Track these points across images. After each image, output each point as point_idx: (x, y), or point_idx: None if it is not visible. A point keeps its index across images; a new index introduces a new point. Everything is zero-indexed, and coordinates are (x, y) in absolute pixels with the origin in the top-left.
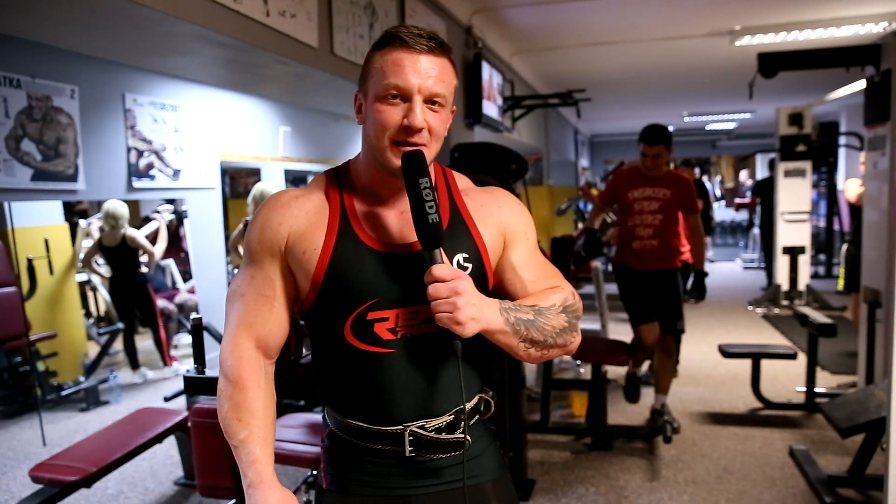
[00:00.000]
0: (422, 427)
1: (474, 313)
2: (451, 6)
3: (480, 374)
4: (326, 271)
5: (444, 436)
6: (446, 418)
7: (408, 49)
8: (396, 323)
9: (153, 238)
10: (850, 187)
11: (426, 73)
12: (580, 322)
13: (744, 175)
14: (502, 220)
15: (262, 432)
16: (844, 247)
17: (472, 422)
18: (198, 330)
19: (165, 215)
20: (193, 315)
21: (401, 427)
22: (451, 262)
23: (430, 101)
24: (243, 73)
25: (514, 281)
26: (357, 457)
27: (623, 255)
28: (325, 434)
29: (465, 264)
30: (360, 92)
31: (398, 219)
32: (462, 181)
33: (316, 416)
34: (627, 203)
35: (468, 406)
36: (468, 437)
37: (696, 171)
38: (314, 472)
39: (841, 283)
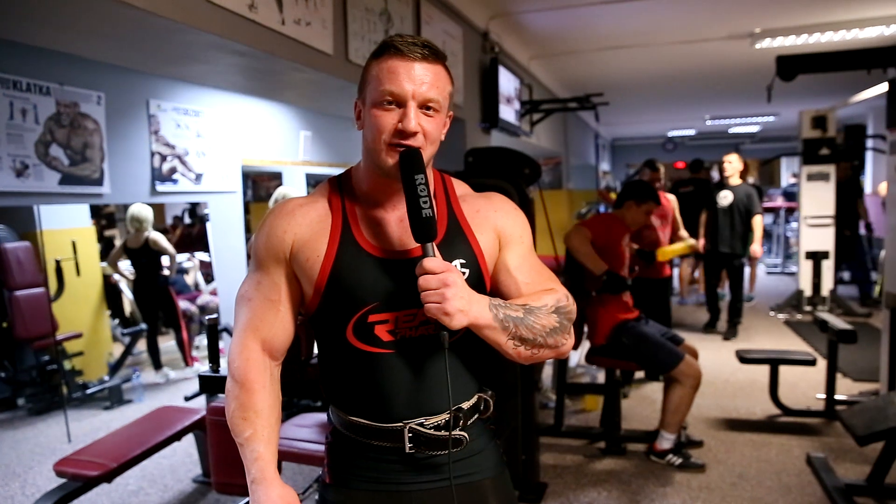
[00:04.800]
0: (421, 424)
1: (462, 305)
2: (468, 12)
3: (477, 374)
4: (329, 278)
5: (442, 433)
6: (445, 416)
7: (402, 57)
8: (396, 325)
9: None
10: (882, 189)
11: (420, 79)
12: None
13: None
14: (498, 224)
15: (266, 431)
16: (882, 253)
17: (471, 420)
18: (212, 330)
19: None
20: (208, 316)
21: (401, 424)
22: None
23: (424, 106)
24: (261, 80)
25: (508, 282)
26: (359, 453)
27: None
28: (328, 431)
29: (463, 269)
30: (359, 99)
31: (398, 226)
32: (461, 188)
33: None
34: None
35: (466, 405)
36: (464, 434)
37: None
38: None
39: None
